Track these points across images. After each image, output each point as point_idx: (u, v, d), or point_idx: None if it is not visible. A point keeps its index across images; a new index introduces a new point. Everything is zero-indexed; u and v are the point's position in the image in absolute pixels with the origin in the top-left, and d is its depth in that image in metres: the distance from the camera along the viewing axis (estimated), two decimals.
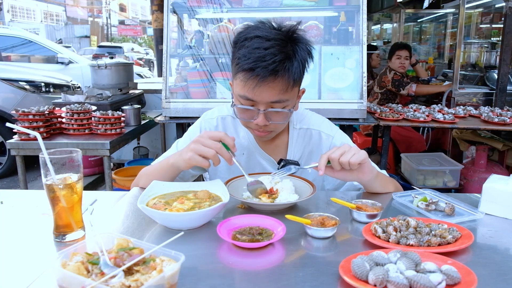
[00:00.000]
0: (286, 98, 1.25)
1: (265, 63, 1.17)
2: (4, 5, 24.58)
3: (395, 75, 4.43)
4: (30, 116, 2.98)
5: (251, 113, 1.29)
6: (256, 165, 1.51)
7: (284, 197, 1.24)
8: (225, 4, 3.09)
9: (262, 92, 1.22)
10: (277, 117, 1.30)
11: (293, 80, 1.24)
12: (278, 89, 1.22)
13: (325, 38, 3.22)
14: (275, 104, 1.25)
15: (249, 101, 1.26)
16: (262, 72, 1.18)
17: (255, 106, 1.26)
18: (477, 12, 6.09)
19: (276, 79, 1.20)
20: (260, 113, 1.26)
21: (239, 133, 1.52)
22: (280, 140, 1.51)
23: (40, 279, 0.85)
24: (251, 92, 1.22)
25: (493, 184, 1.22)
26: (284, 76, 1.21)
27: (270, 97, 1.23)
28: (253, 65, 1.18)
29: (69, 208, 1.02)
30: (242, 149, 1.51)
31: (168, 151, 1.55)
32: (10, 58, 6.69)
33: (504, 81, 3.99)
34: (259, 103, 1.25)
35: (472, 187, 3.56)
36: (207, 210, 1.07)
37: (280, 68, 1.19)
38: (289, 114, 1.33)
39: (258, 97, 1.23)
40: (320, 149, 1.51)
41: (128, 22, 37.84)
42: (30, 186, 4.39)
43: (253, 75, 1.19)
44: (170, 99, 2.95)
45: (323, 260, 0.93)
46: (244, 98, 1.26)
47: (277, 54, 1.19)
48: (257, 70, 1.18)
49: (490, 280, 0.85)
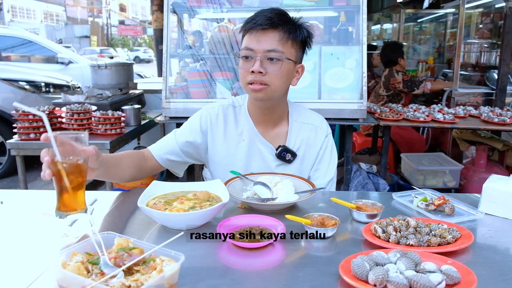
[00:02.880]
0: (281, 49, 1.38)
1: (265, 13, 1.39)
2: (4, 5, 24.59)
3: (404, 75, 4.36)
4: (30, 116, 2.98)
5: (250, 63, 1.39)
6: (255, 151, 1.55)
7: (284, 197, 1.25)
8: (225, 4, 3.09)
9: (260, 40, 1.37)
10: (272, 66, 1.38)
11: (289, 34, 1.38)
12: (274, 39, 1.37)
13: (325, 38, 3.22)
14: (271, 52, 1.37)
15: (249, 50, 1.40)
16: (260, 20, 1.37)
17: (254, 54, 1.39)
18: (477, 12, 6.08)
19: (274, 30, 1.37)
20: (257, 59, 1.37)
21: (239, 121, 1.57)
22: (280, 129, 1.57)
23: (40, 279, 0.85)
24: (251, 41, 1.39)
25: (493, 184, 1.22)
26: (280, 27, 1.37)
27: (267, 45, 1.37)
28: (254, 15, 1.41)
29: (73, 188, 1.04)
30: (242, 134, 1.55)
31: (165, 137, 1.60)
32: (10, 58, 6.68)
33: (504, 81, 3.98)
34: (257, 51, 1.38)
35: (472, 187, 3.55)
36: (207, 210, 1.07)
37: (276, 18, 1.37)
38: (283, 68, 1.39)
39: (256, 45, 1.38)
40: (315, 143, 1.57)
41: (128, 22, 37.86)
42: (30, 186, 4.38)
43: (253, 23, 1.38)
44: (170, 99, 2.95)
45: (323, 260, 0.93)
46: (245, 48, 1.41)
47: (276, 10, 1.41)
48: (257, 18, 1.38)
49: (490, 280, 0.85)
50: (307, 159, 1.56)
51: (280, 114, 1.56)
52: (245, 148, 1.54)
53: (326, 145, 1.57)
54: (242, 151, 1.54)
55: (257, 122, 1.55)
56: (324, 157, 1.57)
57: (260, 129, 1.55)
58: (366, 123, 2.99)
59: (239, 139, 1.55)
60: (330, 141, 1.59)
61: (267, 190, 1.29)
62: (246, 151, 1.54)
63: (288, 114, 1.58)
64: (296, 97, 2.85)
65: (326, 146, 1.57)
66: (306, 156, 1.56)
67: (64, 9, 34.42)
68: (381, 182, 3.31)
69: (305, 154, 1.56)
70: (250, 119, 1.55)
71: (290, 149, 1.52)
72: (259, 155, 1.55)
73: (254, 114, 1.55)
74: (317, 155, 1.57)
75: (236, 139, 1.55)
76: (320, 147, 1.57)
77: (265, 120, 1.55)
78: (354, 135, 4.43)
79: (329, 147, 1.58)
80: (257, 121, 1.55)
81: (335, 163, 1.59)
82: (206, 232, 1.06)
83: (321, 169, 1.56)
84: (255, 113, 1.55)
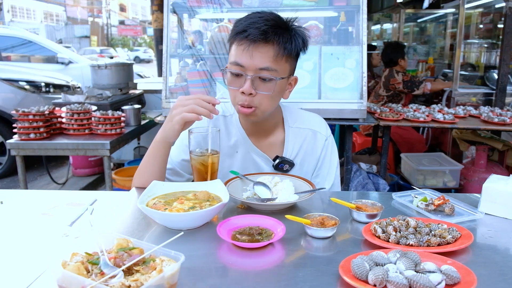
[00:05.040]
0: (274, 67, 1.26)
1: (257, 25, 1.23)
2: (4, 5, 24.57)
3: (404, 76, 4.36)
4: (30, 116, 2.97)
5: (239, 81, 1.28)
6: (250, 163, 1.49)
7: (284, 197, 1.25)
8: (225, 4, 3.09)
9: (252, 56, 1.24)
10: (263, 87, 1.28)
11: (284, 50, 1.25)
12: (268, 55, 1.24)
13: (325, 38, 3.22)
14: (263, 71, 1.25)
15: (239, 67, 1.27)
16: (253, 33, 1.22)
17: (244, 71, 1.27)
18: (477, 12, 6.08)
19: (267, 44, 1.24)
20: (247, 79, 1.26)
21: (231, 131, 1.49)
22: (275, 137, 1.50)
23: (40, 279, 0.85)
24: (242, 56, 1.25)
25: (493, 184, 1.22)
26: (275, 42, 1.24)
27: (259, 63, 1.24)
28: (246, 27, 1.24)
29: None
30: (236, 147, 1.49)
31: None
32: (10, 58, 6.68)
33: (504, 81, 3.98)
34: (248, 69, 1.26)
35: (472, 187, 3.55)
36: (207, 210, 1.07)
37: (271, 32, 1.23)
38: (276, 88, 1.29)
39: (248, 61, 1.24)
40: (315, 149, 1.51)
41: (128, 22, 37.81)
42: (30, 186, 4.39)
43: (245, 36, 1.23)
44: (170, 99, 2.95)
45: (323, 260, 0.93)
46: (235, 64, 1.27)
47: (270, 20, 1.25)
48: (249, 30, 1.23)
49: (490, 280, 0.85)
50: (306, 166, 1.51)
51: (273, 122, 1.48)
52: (240, 160, 1.48)
53: (326, 149, 1.51)
54: (237, 164, 1.48)
55: (250, 132, 1.47)
56: (324, 162, 1.51)
57: (254, 139, 1.48)
58: (366, 123, 2.99)
59: (233, 152, 1.48)
60: (331, 144, 1.53)
61: (267, 190, 1.29)
62: (241, 164, 1.48)
63: (283, 120, 1.51)
64: (296, 97, 2.85)
65: (326, 150, 1.51)
66: (305, 164, 1.50)
67: (64, 9, 34.40)
68: (381, 182, 3.31)
69: (304, 162, 1.50)
70: (242, 130, 1.47)
71: (287, 160, 1.45)
72: (255, 166, 1.48)
73: (246, 125, 1.47)
74: (317, 161, 1.51)
75: (229, 151, 1.48)
76: (320, 153, 1.51)
77: (258, 130, 1.48)
78: (354, 135, 4.43)
79: (330, 150, 1.52)
80: (250, 131, 1.47)
81: (336, 167, 1.53)
82: (206, 232, 1.06)
83: (322, 174, 1.51)
84: (247, 124, 1.47)
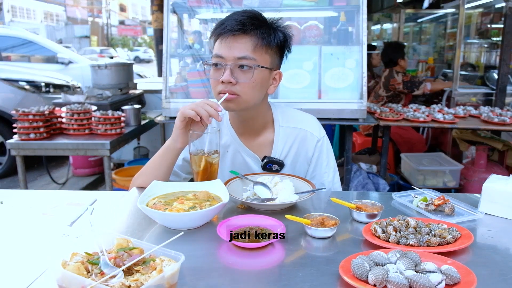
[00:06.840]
0: (253, 56, 1.29)
1: (235, 17, 1.30)
2: (4, 5, 24.57)
3: (404, 76, 4.35)
4: (30, 116, 2.97)
5: (220, 72, 1.32)
6: (240, 162, 1.50)
7: (284, 197, 1.25)
8: (225, 4, 3.09)
9: (231, 47, 1.29)
10: (243, 75, 1.30)
11: (263, 40, 1.30)
12: (246, 46, 1.29)
13: (325, 38, 3.22)
14: (242, 60, 1.29)
15: (219, 58, 1.32)
16: (230, 24, 1.28)
17: (224, 62, 1.31)
18: (477, 12, 6.08)
19: (246, 35, 1.29)
20: (227, 68, 1.29)
21: (222, 131, 1.49)
22: (264, 137, 1.50)
23: (40, 279, 0.85)
24: (221, 47, 1.30)
25: (492, 184, 1.22)
26: (253, 33, 1.29)
27: (237, 53, 1.29)
28: (224, 20, 1.32)
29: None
30: (226, 146, 1.50)
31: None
32: (10, 58, 6.68)
33: (504, 81, 3.98)
34: (227, 59, 1.30)
35: (472, 187, 3.55)
36: (207, 210, 1.07)
37: (248, 23, 1.28)
38: (256, 77, 1.31)
39: (227, 52, 1.29)
40: (306, 150, 1.50)
41: (128, 22, 37.83)
42: (30, 186, 4.38)
43: (223, 28, 1.29)
44: (170, 99, 2.95)
45: (323, 260, 0.93)
46: (215, 56, 1.33)
47: (248, 13, 1.31)
48: (226, 23, 1.30)
49: (490, 280, 0.85)
50: (298, 167, 1.50)
51: (262, 122, 1.49)
52: (230, 160, 1.50)
53: (319, 151, 1.50)
54: (228, 163, 1.50)
55: (240, 132, 1.49)
56: (318, 163, 1.51)
57: (244, 139, 1.49)
58: (366, 123, 2.99)
59: (223, 151, 1.48)
60: (325, 145, 1.51)
61: (267, 190, 1.29)
62: (231, 164, 1.49)
63: (273, 120, 1.51)
64: (296, 97, 2.86)
65: (319, 152, 1.50)
66: (297, 164, 1.50)
67: (64, 9, 34.39)
68: (381, 182, 3.31)
69: (295, 162, 1.50)
70: (232, 129, 1.49)
71: (275, 160, 1.46)
72: (245, 166, 1.49)
73: (236, 124, 1.49)
74: (309, 162, 1.51)
75: (220, 150, 1.48)
76: (312, 154, 1.50)
77: (248, 130, 1.49)
78: (354, 135, 4.43)
79: (324, 152, 1.51)
80: (240, 131, 1.49)
81: (333, 168, 1.52)
82: (206, 232, 1.06)
83: (317, 176, 1.51)
84: (236, 123, 1.49)
